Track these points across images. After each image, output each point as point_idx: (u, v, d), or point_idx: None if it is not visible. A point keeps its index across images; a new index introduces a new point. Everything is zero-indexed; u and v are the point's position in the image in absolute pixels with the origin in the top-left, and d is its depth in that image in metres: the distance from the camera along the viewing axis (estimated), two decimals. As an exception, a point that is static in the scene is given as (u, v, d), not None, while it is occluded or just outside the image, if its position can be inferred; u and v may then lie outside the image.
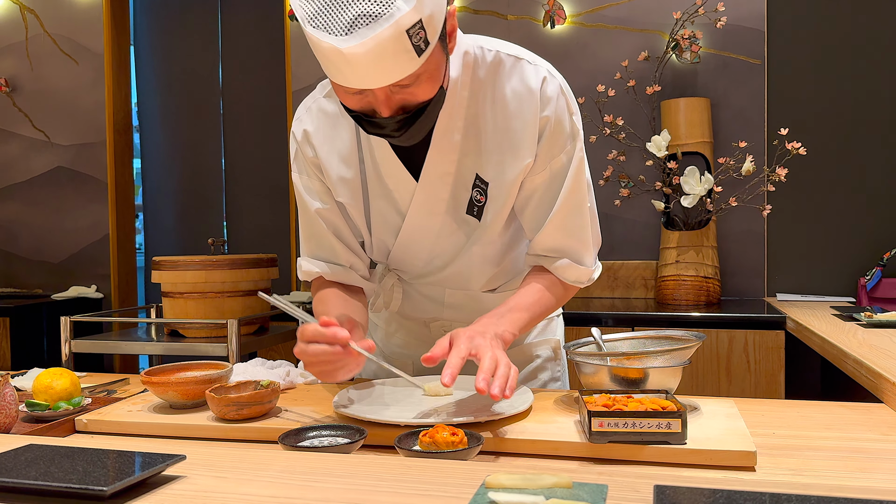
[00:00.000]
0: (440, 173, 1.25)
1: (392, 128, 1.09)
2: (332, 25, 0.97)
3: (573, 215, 1.27)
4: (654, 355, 1.16)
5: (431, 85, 1.08)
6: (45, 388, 1.21)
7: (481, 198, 1.27)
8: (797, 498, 0.64)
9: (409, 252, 1.35)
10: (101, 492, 0.70)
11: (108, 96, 3.67)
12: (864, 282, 2.83)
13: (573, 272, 1.30)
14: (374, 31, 0.95)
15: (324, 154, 1.30)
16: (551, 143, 1.23)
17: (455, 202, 1.28)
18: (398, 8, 0.95)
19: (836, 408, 1.23)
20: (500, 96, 1.22)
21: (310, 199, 1.33)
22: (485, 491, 0.67)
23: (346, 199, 1.31)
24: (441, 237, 1.32)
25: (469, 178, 1.26)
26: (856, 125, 3.00)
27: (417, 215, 1.28)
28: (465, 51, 1.22)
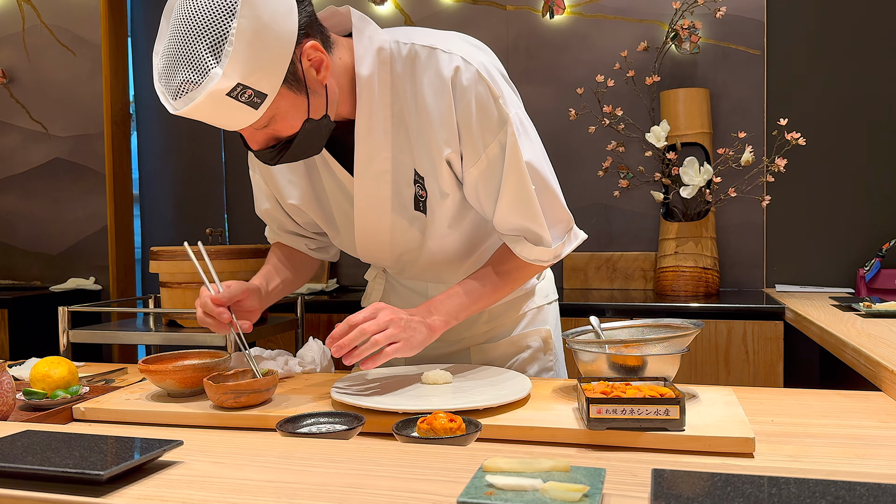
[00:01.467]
0: (376, 172, 1.27)
1: (267, 157, 1.18)
2: (167, 89, 1.07)
3: (519, 199, 1.25)
4: (652, 343, 1.16)
5: (290, 122, 1.13)
6: (43, 377, 1.20)
7: (423, 193, 1.28)
8: (795, 481, 0.64)
9: (371, 247, 1.38)
10: (98, 476, 0.70)
11: (106, 87, 3.65)
12: (862, 273, 2.83)
13: (531, 252, 1.29)
14: (194, 98, 1.03)
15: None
16: (479, 132, 1.21)
17: (400, 200, 1.29)
18: (211, 78, 1.01)
19: (834, 396, 1.23)
20: (418, 90, 1.22)
21: (260, 199, 1.49)
22: (482, 474, 0.67)
23: (295, 200, 1.39)
24: (396, 234, 1.33)
25: (409, 174, 1.27)
26: (855, 116, 2.99)
27: (363, 212, 1.31)
28: (380, 47, 1.22)
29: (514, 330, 1.50)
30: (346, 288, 3.42)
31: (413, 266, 1.42)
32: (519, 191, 1.24)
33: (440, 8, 3.35)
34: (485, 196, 1.27)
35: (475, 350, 1.49)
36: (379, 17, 3.43)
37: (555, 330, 1.56)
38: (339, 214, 1.37)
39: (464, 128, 1.22)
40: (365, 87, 1.21)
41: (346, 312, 2.86)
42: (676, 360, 1.16)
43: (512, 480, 0.64)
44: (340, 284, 3.46)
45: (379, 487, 0.70)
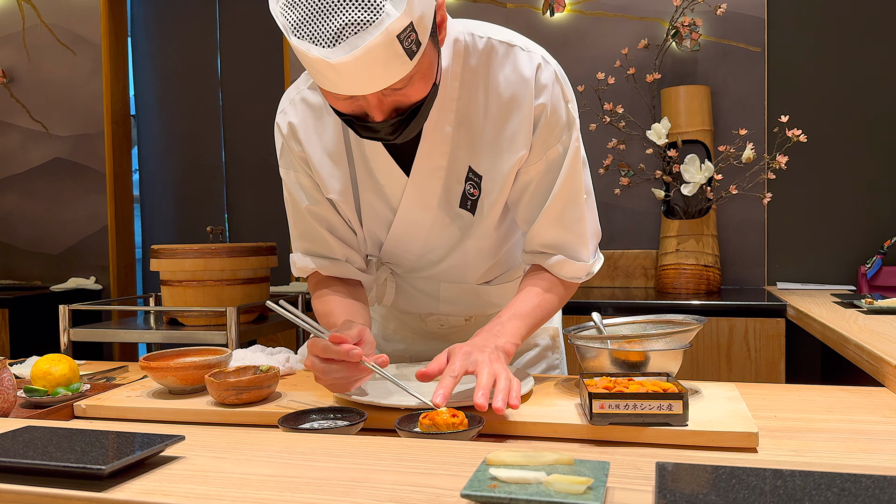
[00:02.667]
0: (432, 167, 1.20)
1: (386, 131, 1.05)
2: (318, 36, 0.91)
3: (569, 207, 1.22)
4: (654, 338, 1.16)
5: (425, 84, 1.03)
6: (44, 374, 1.20)
7: (475, 191, 1.22)
8: (800, 474, 0.64)
9: (400, 246, 1.31)
10: (100, 471, 0.69)
11: (106, 87, 3.65)
12: (864, 270, 2.83)
13: (569, 269, 1.25)
14: (364, 40, 0.90)
15: (311, 149, 1.24)
16: (547, 132, 1.18)
17: (448, 196, 1.23)
18: (387, 14, 0.89)
19: (837, 391, 1.23)
20: (493, 85, 1.17)
21: (300, 196, 1.28)
22: (486, 468, 0.67)
23: (336, 195, 1.26)
24: (434, 232, 1.27)
25: (462, 171, 1.21)
26: (856, 112, 2.99)
27: (409, 210, 1.24)
28: (455, 38, 1.16)
29: None
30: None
31: (436, 265, 1.35)
32: (570, 200, 1.21)
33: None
34: (533, 198, 1.22)
35: None
36: (379, 15, 3.43)
37: (560, 328, 1.56)
38: (370, 213, 1.28)
39: (540, 129, 1.18)
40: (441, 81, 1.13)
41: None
42: (679, 355, 1.16)
43: (515, 473, 0.64)
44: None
45: (381, 481, 0.70)
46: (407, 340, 1.49)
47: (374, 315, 1.54)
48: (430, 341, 1.47)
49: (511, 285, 1.43)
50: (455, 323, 1.45)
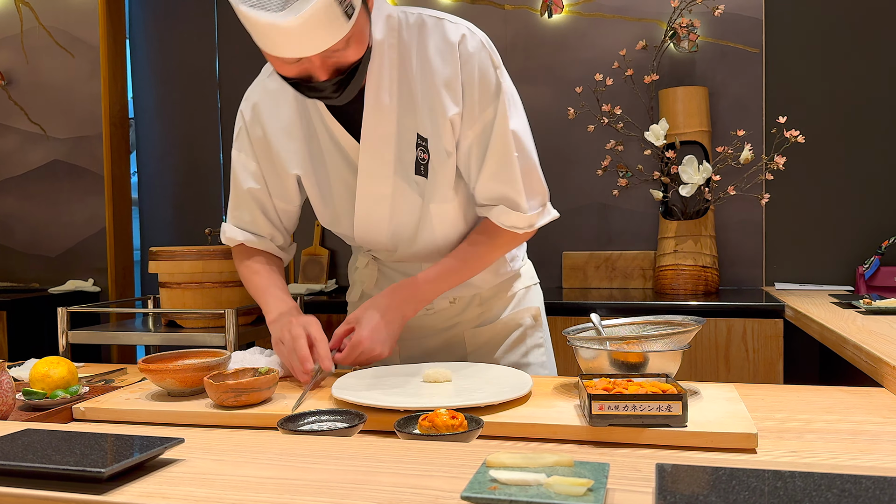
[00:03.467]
0: (380, 134, 1.29)
1: (330, 90, 1.16)
2: (268, 2, 1.02)
3: (503, 165, 1.31)
4: (653, 339, 1.16)
5: (360, 45, 1.15)
6: (43, 377, 1.20)
7: (424, 156, 1.31)
8: (800, 475, 0.64)
9: (371, 223, 1.39)
10: (99, 474, 0.69)
11: (104, 89, 3.65)
12: (862, 270, 2.83)
13: (508, 217, 1.35)
14: (308, 3, 1.01)
15: (272, 129, 1.37)
16: (480, 96, 1.28)
17: (402, 164, 1.32)
18: None
19: (836, 392, 1.23)
20: (424, 55, 1.27)
21: (244, 178, 1.43)
22: (486, 470, 0.67)
23: (298, 170, 1.38)
24: (397, 201, 1.35)
25: (411, 139, 1.31)
26: (854, 113, 2.99)
27: (367, 179, 1.33)
28: (389, 14, 1.28)
29: (506, 311, 1.53)
30: (344, 288, 3.41)
31: (410, 244, 1.42)
32: (503, 156, 1.31)
33: (438, 7, 3.35)
34: (474, 160, 1.32)
35: (469, 334, 1.51)
36: (377, 17, 3.43)
37: (542, 307, 1.61)
38: (340, 185, 1.38)
39: (467, 91, 1.28)
40: (376, 50, 1.25)
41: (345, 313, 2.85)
42: (678, 356, 1.16)
43: (516, 475, 0.64)
44: (339, 285, 3.46)
45: (381, 484, 0.70)
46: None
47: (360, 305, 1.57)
48: (417, 328, 1.51)
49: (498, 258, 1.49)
50: (440, 306, 1.49)
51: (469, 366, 1.35)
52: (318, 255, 3.48)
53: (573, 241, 3.22)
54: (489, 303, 1.52)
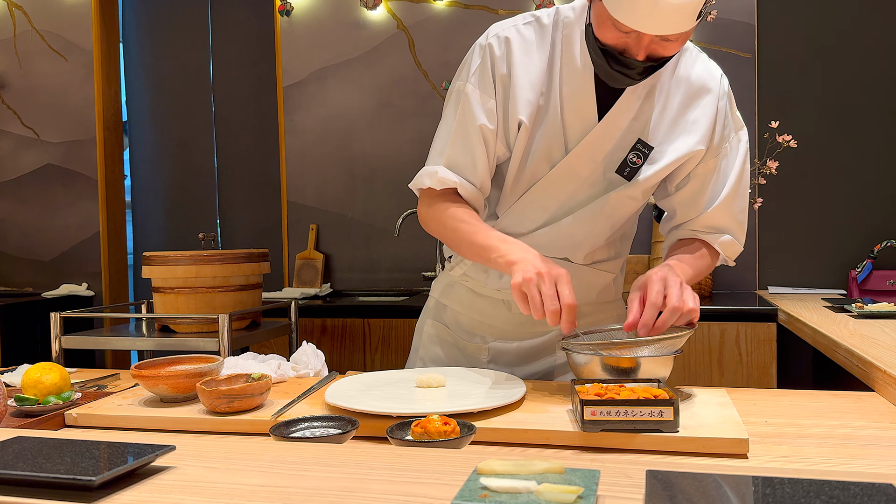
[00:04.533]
0: (615, 125, 1.34)
1: (637, 70, 1.23)
2: None
3: (739, 198, 1.40)
4: (645, 344, 1.16)
5: (680, 44, 1.22)
6: (35, 383, 1.20)
7: (638, 160, 1.36)
8: (789, 482, 0.64)
9: (548, 192, 1.39)
10: (90, 482, 0.69)
11: (98, 93, 3.64)
12: (854, 274, 2.84)
13: (733, 248, 1.43)
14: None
15: (518, 72, 1.35)
16: (727, 130, 1.38)
17: (611, 157, 1.37)
18: None
19: (827, 396, 1.23)
20: (682, 77, 1.36)
21: (478, 113, 1.36)
22: (477, 477, 0.67)
23: (524, 117, 1.35)
24: (584, 186, 1.39)
25: (630, 140, 1.36)
26: (846, 118, 3.01)
27: (580, 154, 1.35)
28: None
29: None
30: (339, 292, 3.42)
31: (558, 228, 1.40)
32: (741, 191, 1.40)
33: (432, 13, 3.36)
34: (711, 188, 1.39)
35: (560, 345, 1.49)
36: (371, 21, 3.43)
37: None
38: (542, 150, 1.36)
39: (719, 122, 1.36)
40: None
41: (340, 317, 2.86)
42: (670, 361, 1.17)
43: (506, 483, 0.64)
44: (334, 289, 3.46)
45: (373, 491, 0.70)
46: (483, 328, 1.51)
47: (445, 301, 1.57)
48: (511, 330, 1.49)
49: (603, 276, 1.49)
50: None
51: (462, 371, 1.35)
52: (312, 260, 3.48)
53: (567, 245, 3.23)
54: (586, 319, 1.49)
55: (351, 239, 3.49)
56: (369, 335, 2.83)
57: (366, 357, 2.83)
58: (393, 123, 3.45)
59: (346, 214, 3.50)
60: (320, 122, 3.51)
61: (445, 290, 1.57)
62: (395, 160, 3.44)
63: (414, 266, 3.41)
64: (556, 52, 1.35)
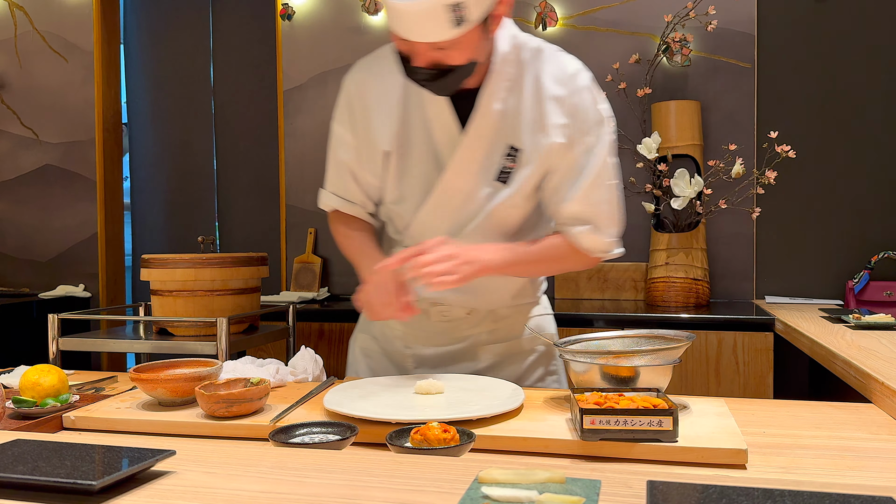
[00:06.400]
0: (480, 135, 1.39)
1: (422, 76, 1.30)
2: None
3: (601, 189, 1.40)
4: (644, 354, 1.17)
5: (462, 54, 1.27)
6: (33, 385, 1.19)
7: (511, 164, 1.40)
8: (790, 494, 0.64)
9: (437, 210, 1.44)
10: (90, 486, 0.69)
11: (98, 94, 3.64)
12: (851, 285, 2.85)
13: (589, 240, 1.41)
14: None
15: (374, 103, 1.45)
16: (585, 123, 1.38)
17: (487, 167, 1.41)
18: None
19: (825, 407, 1.24)
20: (541, 77, 1.39)
21: (340, 149, 1.52)
22: (478, 486, 0.67)
23: (389, 147, 1.44)
24: (469, 200, 1.43)
25: (502, 147, 1.40)
26: (845, 128, 3.02)
27: (454, 172, 1.40)
28: (514, 34, 1.41)
29: (521, 335, 1.56)
30: (337, 297, 3.41)
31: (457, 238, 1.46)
32: (598, 179, 1.39)
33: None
34: (568, 180, 1.40)
35: (483, 350, 1.54)
36: (373, 26, 3.44)
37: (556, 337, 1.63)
38: (420, 171, 1.44)
39: (575, 116, 1.38)
40: (500, 60, 1.38)
41: (338, 321, 2.85)
42: (668, 371, 1.17)
43: (507, 492, 0.64)
44: (332, 293, 3.46)
45: (373, 499, 0.70)
46: (408, 339, 1.57)
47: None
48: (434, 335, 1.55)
49: (514, 280, 1.52)
50: (456, 315, 1.53)
51: (462, 378, 1.35)
52: (310, 264, 3.47)
53: (565, 253, 3.23)
54: (504, 322, 1.55)
55: (349, 243, 3.48)
56: (367, 340, 2.82)
57: (363, 362, 2.83)
58: (393, 128, 3.44)
59: (344, 219, 3.49)
60: (320, 126, 3.51)
61: None
62: (395, 165, 3.43)
63: (412, 271, 3.40)
64: None
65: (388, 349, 1.60)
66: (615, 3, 3.16)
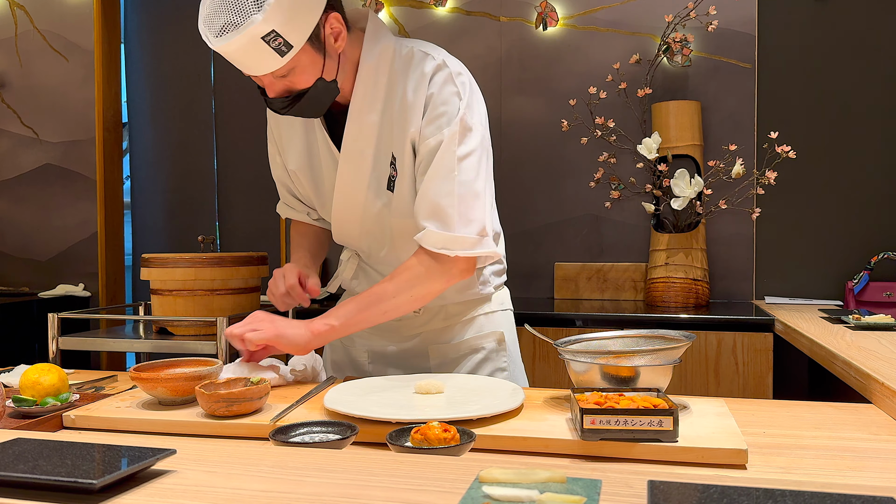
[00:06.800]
0: (358, 148, 1.42)
1: (278, 105, 1.35)
2: (211, 29, 1.24)
3: (442, 181, 1.35)
4: (644, 354, 1.17)
5: (306, 77, 1.31)
6: (33, 384, 1.19)
7: (394, 173, 1.43)
8: (790, 494, 0.64)
9: (345, 225, 1.51)
10: (91, 485, 0.69)
11: (98, 94, 3.64)
12: (851, 285, 2.85)
13: (434, 238, 1.34)
14: (234, 37, 1.21)
15: (283, 128, 1.55)
16: (436, 118, 1.37)
17: (377, 180, 1.44)
18: (252, 21, 1.20)
19: (825, 408, 1.24)
20: (406, 83, 1.40)
21: (273, 166, 1.64)
22: (479, 485, 0.67)
23: (294, 166, 1.54)
24: (368, 212, 1.46)
25: (388, 157, 1.42)
26: (845, 129, 3.02)
27: (343, 188, 1.45)
28: (385, 45, 1.42)
29: (468, 332, 1.56)
30: (337, 297, 3.41)
31: (379, 250, 1.53)
32: (442, 173, 1.35)
33: (434, 18, 3.36)
34: (419, 176, 1.40)
35: (433, 349, 1.56)
36: (373, 26, 3.44)
37: (509, 334, 1.62)
38: (329, 186, 1.50)
39: (427, 112, 1.38)
40: (365, 73, 1.40)
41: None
42: (669, 371, 1.17)
43: (508, 491, 0.64)
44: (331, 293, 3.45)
45: (374, 498, 0.70)
46: (364, 336, 1.61)
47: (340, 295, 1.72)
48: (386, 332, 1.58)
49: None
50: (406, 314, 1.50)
51: (462, 377, 1.35)
52: (310, 263, 3.47)
53: (565, 252, 3.24)
54: (454, 319, 1.55)
55: (349, 243, 3.48)
56: (366, 340, 2.82)
57: (363, 362, 2.83)
58: (393, 128, 3.45)
59: (344, 218, 3.49)
60: (320, 125, 3.50)
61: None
62: (395, 165, 3.44)
63: (412, 271, 3.41)
64: None
65: (346, 343, 1.66)
66: (616, 4, 3.16)
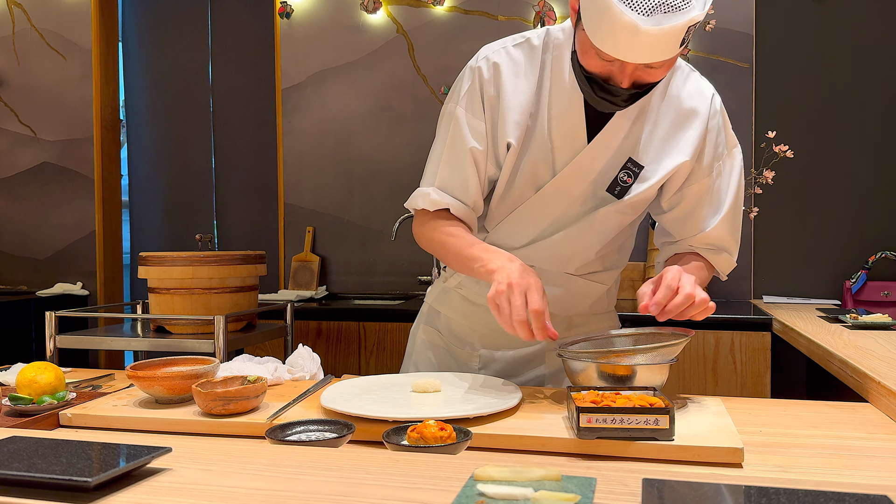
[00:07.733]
0: (605, 146, 1.34)
1: (623, 97, 1.24)
2: (637, 4, 1.10)
3: (736, 217, 1.42)
4: (641, 352, 1.17)
5: (663, 71, 1.23)
6: (29, 382, 1.19)
7: (628, 179, 1.37)
8: (785, 492, 0.64)
9: (537, 210, 1.40)
10: (86, 483, 0.69)
11: (96, 92, 3.64)
12: (849, 285, 2.86)
13: (728, 264, 1.45)
14: (672, 21, 1.10)
15: (507, 92, 1.36)
16: (716, 150, 1.38)
17: (601, 176, 1.37)
18: (693, 7, 1.11)
19: (822, 407, 1.24)
20: (673, 96, 1.36)
21: (468, 136, 1.38)
22: (473, 483, 0.67)
23: (513, 139, 1.36)
24: (574, 204, 1.39)
25: (621, 160, 1.36)
26: (843, 129, 3.02)
27: (570, 175, 1.36)
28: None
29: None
30: (335, 295, 3.41)
31: (547, 240, 1.42)
32: (736, 208, 1.42)
33: (432, 17, 3.36)
34: (708, 207, 1.40)
35: (549, 356, 1.51)
36: (371, 24, 3.44)
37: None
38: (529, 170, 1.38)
39: (709, 139, 1.37)
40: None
41: (336, 319, 2.85)
42: (665, 369, 1.17)
43: (503, 489, 0.64)
44: (329, 292, 3.46)
45: (369, 496, 0.70)
46: (475, 336, 1.52)
47: (439, 307, 1.58)
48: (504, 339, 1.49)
49: (596, 288, 1.50)
50: None
51: (458, 376, 1.35)
52: (308, 262, 3.47)
53: (563, 252, 3.23)
54: (577, 330, 1.51)
55: (347, 242, 3.49)
56: (364, 338, 2.83)
57: (360, 360, 2.83)
58: (391, 127, 3.45)
59: (342, 217, 3.50)
60: (318, 124, 3.51)
61: (440, 296, 1.59)
62: (393, 164, 3.44)
63: (410, 270, 3.41)
64: (545, 73, 1.36)
65: (453, 345, 1.54)
66: (614, 3, 3.16)
